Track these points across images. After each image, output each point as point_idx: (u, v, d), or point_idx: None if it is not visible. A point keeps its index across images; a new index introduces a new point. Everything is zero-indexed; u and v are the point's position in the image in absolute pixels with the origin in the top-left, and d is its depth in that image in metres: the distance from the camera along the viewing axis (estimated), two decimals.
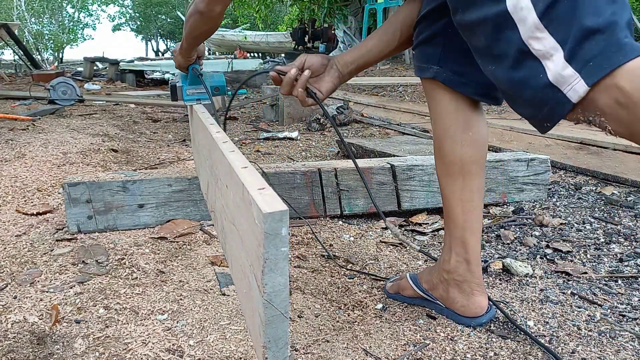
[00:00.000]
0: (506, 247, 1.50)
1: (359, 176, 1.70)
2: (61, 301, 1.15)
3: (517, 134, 2.92)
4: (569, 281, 1.27)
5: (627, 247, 1.46)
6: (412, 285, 1.18)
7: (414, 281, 1.18)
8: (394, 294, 1.22)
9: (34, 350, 0.97)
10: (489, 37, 0.79)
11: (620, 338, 1.02)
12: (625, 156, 2.32)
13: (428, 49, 1.04)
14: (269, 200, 0.56)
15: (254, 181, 0.63)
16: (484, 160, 1.10)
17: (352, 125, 3.71)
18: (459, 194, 1.08)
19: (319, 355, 0.97)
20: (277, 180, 1.66)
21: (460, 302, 1.10)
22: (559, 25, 0.71)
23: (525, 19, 0.73)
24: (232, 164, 0.72)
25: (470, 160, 1.06)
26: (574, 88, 0.70)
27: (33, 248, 1.45)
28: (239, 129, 3.70)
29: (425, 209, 1.77)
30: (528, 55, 0.74)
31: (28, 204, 1.81)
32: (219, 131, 1.00)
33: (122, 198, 1.57)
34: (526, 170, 1.84)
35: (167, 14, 30.05)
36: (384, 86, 5.78)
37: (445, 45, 1.01)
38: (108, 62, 8.60)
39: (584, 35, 0.69)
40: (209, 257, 1.39)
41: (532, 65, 0.73)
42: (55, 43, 22.72)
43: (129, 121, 3.84)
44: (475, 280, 1.09)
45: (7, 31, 9.10)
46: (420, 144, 2.50)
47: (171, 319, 1.08)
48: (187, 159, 2.53)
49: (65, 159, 2.32)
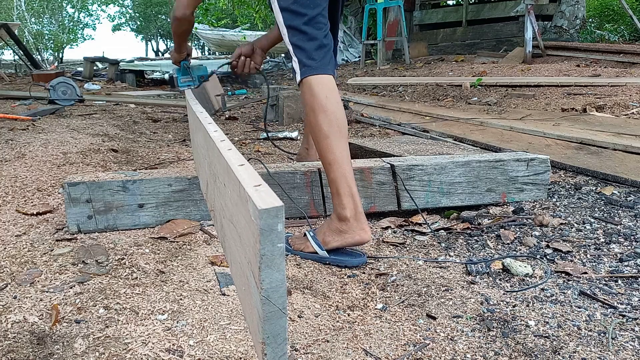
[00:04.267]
0: (506, 247, 1.50)
1: (359, 176, 1.70)
2: (61, 301, 1.15)
3: (517, 134, 2.92)
4: (569, 281, 1.27)
5: (627, 247, 1.46)
6: (312, 242, 1.39)
7: (314, 239, 1.40)
8: (295, 250, 1.43)
9: (34, 350, 0.97)
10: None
11: (621, 338, 1.02)
12: (625, 156, 2.32)
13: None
14: (265, 196, 0.56)
15: (250, 178, 0.63)
16: None
17: (352, 125, 3.71)
18: (347, 153, 1.35)
19: (319, 355, 0.97)
20: (277, 180, 1.66)
21: (351, 243, 1.37)
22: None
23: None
24: (229, 161, 0.72)
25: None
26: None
27: (33, 248, 1.45)
28: (239, 129, 3.70)
29: (425, 209, 1.77)
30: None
31: (28, 204, 1.81)
32: (217, 130, 1.00)
33: (122, 198, 1.57)
34: (526, 170, 1.84)
35: (167, 14, 30.03)
36: (384, 86, 5.78)
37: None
38: (108, 62, 8.60)
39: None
40: (209, 257, 1.39)
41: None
42: (55, 43, 22.70)
43: (129, 121, 3.84)
44: (361, 225, 1.36)
45: (7, 31, 9.09)
46: (420, 144, 2.50)
47: (171, 319, 1.08)
48: (187, 159, 2.53)
49: (65, 159, 2.32)
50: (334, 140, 1.33)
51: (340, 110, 1.36)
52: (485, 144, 2.70)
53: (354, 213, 1.35)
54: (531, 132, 2.89)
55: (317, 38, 1.38)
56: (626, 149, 2.39)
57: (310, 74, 1.36)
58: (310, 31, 1.37)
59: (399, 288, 1.26)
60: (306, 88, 1.37)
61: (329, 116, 1.33)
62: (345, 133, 1.36)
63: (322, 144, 1.34)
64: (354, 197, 1.34)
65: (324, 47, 1.40)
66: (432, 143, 2.60)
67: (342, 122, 1.35)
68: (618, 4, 8.58)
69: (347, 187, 1.33)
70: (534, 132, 2.87)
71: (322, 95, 1.34)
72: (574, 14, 8.10)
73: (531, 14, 6.46)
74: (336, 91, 1.38)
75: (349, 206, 1.34)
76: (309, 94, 1.36)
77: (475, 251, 1.48)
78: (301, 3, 1.36)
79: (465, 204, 1.79)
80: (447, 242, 1.55)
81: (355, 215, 1.35)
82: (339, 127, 1.34)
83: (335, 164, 1.33)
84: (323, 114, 1.33)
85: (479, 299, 1.19)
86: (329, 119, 1.33)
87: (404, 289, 1.25)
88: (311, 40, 1.37)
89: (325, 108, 1.33)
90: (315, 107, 1.34)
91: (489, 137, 2.88)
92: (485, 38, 9.04)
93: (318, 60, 1.37)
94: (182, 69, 2.09)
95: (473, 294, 1.21)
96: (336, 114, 1.34)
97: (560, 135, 2.72)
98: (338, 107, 1.36)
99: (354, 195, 1.35)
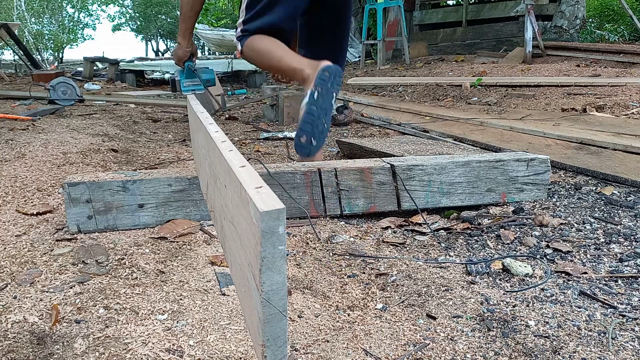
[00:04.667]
0: (506, 247, 1.50)
1: (359, 176, 1.71)
2: (61, 301, 1.15)
3: (517, 134, 2.91)
4: (569, 281, 1.27)
5: (627, 247, 1.46)
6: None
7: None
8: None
9: (34, 350, 0.97)
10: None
11: (621, 338, 1.02)
12: (625, 156, 2.32)
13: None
14: (266, 198, 0.56)
15: (252, 180, 0.63)
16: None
17: (352, 125, 3.71)
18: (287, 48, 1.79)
19: (319, 355, 0.97)
20: (277, 180, 1.66)
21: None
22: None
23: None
24: (230, 163, 0.72)
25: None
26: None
27: (33, 248, 1.45)
28: (239, 129, 3.70)
29: (425, 209, 1.77)
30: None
31: (28, 204, 1.81)
32: (218, 131, 1.00)
33: (122, 198, 1.57)
34: (526, 170, 1.84)
35: (167, 14, 30.00)
36: (384, 86, 5.78)
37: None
38: (108, 62, 8.60)
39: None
40: (209, 257, 1.39)
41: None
42: (55, 43, 22.68)
43: (129, 121, 3.84)
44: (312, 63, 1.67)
45: (7, 31, 9.09)
46: (420, 144, 2.50)
47: (171, 319, 1.08)
48: (187, 159, 2.53)
49: (65, 159, 2.32)
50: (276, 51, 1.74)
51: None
52: (485, 144, 2.70)
53: (305, 66, 1.67)
54: (531, 132, 2.89)
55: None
56: (626, 149, 2.39)
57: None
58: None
59: (399, 288, 1.26)
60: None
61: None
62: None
63: (275, 60, 1.73)
64: (300, 61, 1.70)
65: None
66: (432, 143, 2.60)
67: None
68: (618, 4, 8.58)
69: (296, 62, 1.70)
70: (534, 132, 2.87)
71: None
72: (574, 14, 8.10)
73: (531, 14, 6.46)
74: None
75: (299, 69, 1.67)
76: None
77: (475, 251, 1.48)
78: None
79: (465, 204, 1.79)
80: (447, 242, 1.55)
81: (309, 63, 1.67)
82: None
83: (283, 56, 1.73)
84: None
85: (479, 299, 1.19)
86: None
87: (404, 289, 1.25)
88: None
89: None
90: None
91: (489, 137, 2.88)
92: (485, 38, 9.04)
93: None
94: (185, 72, 1.90)
95: (473, 294, 1.21)
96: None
97: (560, 135, 2.72)
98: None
99: (301, 61, 1.70)
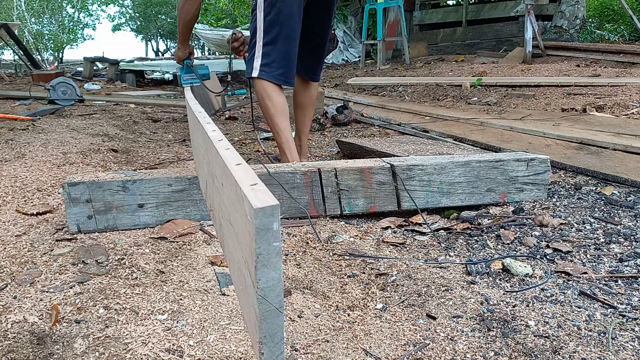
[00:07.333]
0: (506, 247, 1.50)
1: (359, 176, 1.71)
2: (61, 301, 1.15)
3: (517, 134, 2.91)
4: (569, 281, 1.27)
5: (627, 247, 1.46)
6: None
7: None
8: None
9: (34, 350, 0.97)
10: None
11: (620, 338, 1.02)
12: (625, 156, 2.32)
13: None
14: (260, 195, 0.57)
15: (247, 177, 0.63)
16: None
17: (352, 125, 3.72)
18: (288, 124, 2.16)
19: (319, 355, 0.97)
20: (277, 180, 1.66)
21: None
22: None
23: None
24: (226, 161, 0.72)
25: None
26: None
27: (33, 248, 1.45)
28: (239, 129, 3.70)
29: (425, 209, 1.77)
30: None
31: (28, 204, 1.81)
32: (215, 129, 1.00)
33: (122, 198, 1.57)
34: (526, 170, 1.84)
35: (167, 14, 30.03)
36: (384, 86, 5.78)
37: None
38: (108, 62, 8.59)
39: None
40: (209, 257, 1.39)
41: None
42: (55, 43, 22.70)
43: (129, 121, 3.84)
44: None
45: (7, 31, 9.09)
46: (420, 144, 2.50)
47: (171, 319, 1.08)
48: (187, 159, 2.53)
49: (65, 159, 2.32)
50: (279, 117, 2.09)
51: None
52: (485, 144, 2.70)
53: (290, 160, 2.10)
54: (531, 132, 2.89)
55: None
56: (626, 149, 2.39)
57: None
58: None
59: (399, 288, 1.26)
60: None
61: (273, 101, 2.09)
62: (286, 113, 2.11)
63: (273, 119, 2.09)
64: (291, 153, 2.11)
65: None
66: (432, 143, 2.60)
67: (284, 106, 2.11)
68: (618, 4, 8.58)
69: (288, 150, 2.11)
70: (534, 132, 2.87)
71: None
72: (574, 14, 8.10)
73: (531, 14, 6.46)
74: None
75: (286, 160, 2.10)
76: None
77: (475, 251, 1.48)
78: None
79: (465, 204, 1.79)
80: (447, 242, 1.55)
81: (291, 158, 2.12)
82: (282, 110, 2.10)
83: (281, 132, 2.10)
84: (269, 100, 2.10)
85: (479, 299, 1.19)
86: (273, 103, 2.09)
87: (404, 289, 1.25)
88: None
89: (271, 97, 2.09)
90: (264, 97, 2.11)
91: (489, 137, 2.88)
92: (485, 38, 9.05)
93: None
94: (185, 68, 2.36)
95: (473, 294, 1.21)
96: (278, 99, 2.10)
97: (560, 135, 2.72)
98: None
99: (292, 152, 2.12)
